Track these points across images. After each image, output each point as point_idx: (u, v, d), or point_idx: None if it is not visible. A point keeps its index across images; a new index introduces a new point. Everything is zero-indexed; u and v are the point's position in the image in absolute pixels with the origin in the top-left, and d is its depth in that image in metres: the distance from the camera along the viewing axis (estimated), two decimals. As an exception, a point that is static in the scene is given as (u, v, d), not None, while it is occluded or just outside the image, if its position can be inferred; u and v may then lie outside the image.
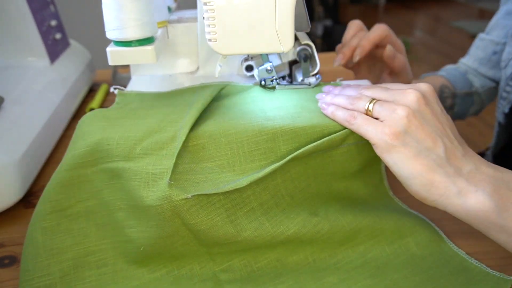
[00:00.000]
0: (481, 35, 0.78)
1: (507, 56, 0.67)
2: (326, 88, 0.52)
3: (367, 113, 0.43)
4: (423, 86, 0.43)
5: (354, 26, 0.62)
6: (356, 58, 0.59)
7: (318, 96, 0.50)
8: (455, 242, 0.46)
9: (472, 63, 0.79)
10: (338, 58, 0.60)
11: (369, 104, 0.43)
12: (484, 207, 0.38)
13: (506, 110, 0.67)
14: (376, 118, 0.42)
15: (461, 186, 0.39)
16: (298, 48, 0.54)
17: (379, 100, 0.43)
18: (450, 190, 0.39)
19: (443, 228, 0.48)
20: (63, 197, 0.43)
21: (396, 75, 0.63)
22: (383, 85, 0.47)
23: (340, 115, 0.44)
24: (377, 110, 0.42)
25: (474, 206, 0.38)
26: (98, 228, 0.43)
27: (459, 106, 0.77)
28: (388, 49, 0.59)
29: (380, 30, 0.60)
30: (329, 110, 0.46)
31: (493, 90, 0.78)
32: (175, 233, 0.40)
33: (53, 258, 0.42)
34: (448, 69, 0.79)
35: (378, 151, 0.41)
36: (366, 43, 0.59)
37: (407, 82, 0.63)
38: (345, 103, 0.45)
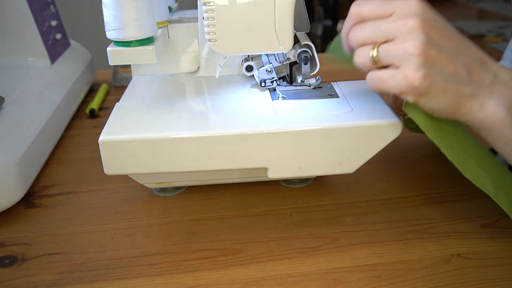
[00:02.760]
0: None
1: None
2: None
3: (376, 63, 0.40)
4: (414, 3, 0.39)
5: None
6: None
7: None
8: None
9: (508, 65, 0.76)
10: None
11: (373, 52, 0.40)
12: (501, 120, 0.39)
13: None
14: (387, 65, 0.40)
15: (483, 100, 0.40)
16: (299, 51, 0.54)
17: (380, 44, 0.40)
18: (474, 107, 0.40)
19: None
20: None
21: None
22: (366, 7, 0.41)
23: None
24: (385, 57, 0.39)
25: (492, 119, 0.39)
26: None
27: None
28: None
29: None
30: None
31: None
32: None
33: None
34: None
35: (411, 99, 0.40)
36: None
37: None
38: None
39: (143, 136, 0.46)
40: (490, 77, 0.40)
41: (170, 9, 0.65)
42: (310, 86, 0.55)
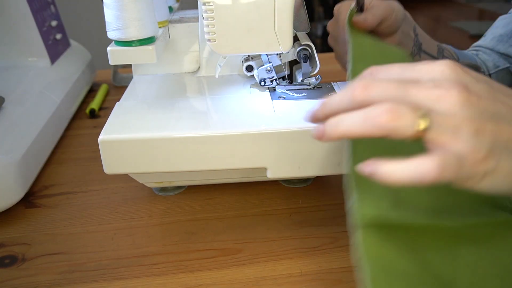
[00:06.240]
0: (502, 16, 0.72)
1: None
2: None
3: (417, 134, 0.28)
4: (448, 68, 0.30)
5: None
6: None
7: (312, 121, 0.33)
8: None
9: (489, 42, 0.72)
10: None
11: (420, 122, 0.28)
12: None
13: None
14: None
15: None
16: (298, 49, 0.54)
17: (429, 114, 0.28)
18: None
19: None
20: None
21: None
22: (383, 77, 0.32)
23: (408, 172, 0.28)
24: (437, 132, 0.28)
25: None
26: None
27: None
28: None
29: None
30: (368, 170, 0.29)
31: (506, 73, 0.71)
32: None
33: None
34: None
35: (468, 185, 0.29)
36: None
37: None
38: (373, 128, 0.28)
39: (143, 135, 0.46)
40: None
41: (170, 9, 0.65)
42: (310, 86, 0.55)
